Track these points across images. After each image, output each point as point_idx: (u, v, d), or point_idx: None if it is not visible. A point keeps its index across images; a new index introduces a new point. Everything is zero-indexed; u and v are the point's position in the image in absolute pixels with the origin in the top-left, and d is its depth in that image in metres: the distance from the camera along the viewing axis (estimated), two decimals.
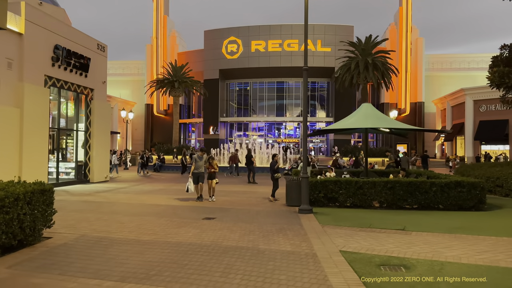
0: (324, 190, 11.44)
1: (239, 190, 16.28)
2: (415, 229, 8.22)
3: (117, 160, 24.93)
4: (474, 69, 51.00)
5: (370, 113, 13.48)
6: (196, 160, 12.82)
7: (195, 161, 12.82)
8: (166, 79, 41.66)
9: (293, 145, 50.29)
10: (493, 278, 5.06)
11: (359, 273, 5.25)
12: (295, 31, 47.72)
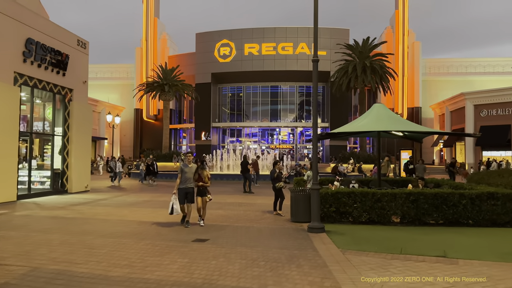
0: (336, 203, 9.75)
1: (235, 202, 14.51)
2: (459, 255, 6.56)
3: (122, 168, 23.00)
4: (471, 73, 50.07)
5: (383, 114, 11.87)
6: (183, 170, 9.57)
7: (181, 172, 9.56)
8: (155, 82, 39.90)
9: (287, 151, 48.69)
10: None
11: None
12: (289, 34, 46.30)
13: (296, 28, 46.74)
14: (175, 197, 9.57)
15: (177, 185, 9.60)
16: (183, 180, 9.54)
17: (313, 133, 9.15)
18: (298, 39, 45.99)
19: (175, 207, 9.47)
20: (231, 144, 40.02)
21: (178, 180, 9.61)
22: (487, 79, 48.21)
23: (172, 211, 9.43)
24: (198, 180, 9.58)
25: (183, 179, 9.55)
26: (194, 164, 9.89)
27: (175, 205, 9.48)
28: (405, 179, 14.61)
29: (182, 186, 9.55)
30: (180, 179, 9.55)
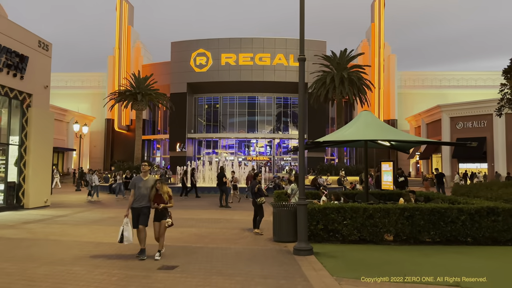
0: (324, 220, 8.69)
1: (210, 218, 13.24)
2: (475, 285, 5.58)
3: (99, 181, 21.09)
4: (445, 87, 50.74)
5: (371, 122, 11.01)
6: (136, 185, 7.50)
7: (134, 186, 7.52)
8: (128, 91, 38.24)
9: (265, 163, 47.66)
10: None
11: None
12: (267, 45, 45.72)
13: (273, 39, 46.27)
14: (126, 220, 7.35)
15: (129, 204, 7.50)
16: (136, 198, 7.45)
17: (299, 141, 8.12)
18: (276, 50, 45.48)
19: (125, 234, 7.27)
20: (207, 156, 38.71)
21: (130, 197, 7.51)
22: (461, 92, 48.92)
23: (122, 239, 7.26)
24: (155, 199, 7.41)
25: (136, 196, 7.45)
26: (151, 177, 7.78)
27: (125, 232, 7.28)
28: (391, 192, 13.76)
29: (135, 205, 7.46)
30: (134, 195, 7.47)
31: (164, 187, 7.53)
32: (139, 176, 7.76)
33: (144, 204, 7.50)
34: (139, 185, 7.51)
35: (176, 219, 12.79)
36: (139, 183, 7.54)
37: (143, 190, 7.48)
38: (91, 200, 19.63)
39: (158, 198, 7.46)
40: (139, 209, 7.48)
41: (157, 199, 7.45)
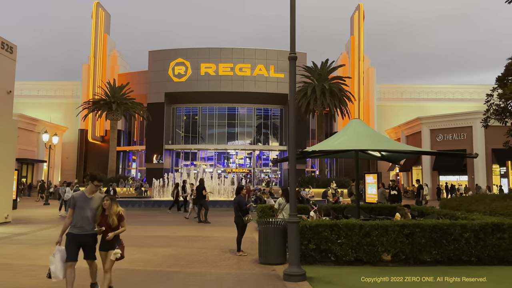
0: (316, 239, 7.76)
1: (188, 235, 12.11)
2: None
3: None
4: (424, 99, 51.25)
5: (363, 132, 10.25)
6: (76, 204, 5.64)
7: (74, 205, 5.66)
8: (102, 100, 36.78)
9: (244, 176, 46.62)
10: None
11: None
12: (247, 55, 45.08)
13: (254, 50, 45.74)
14: (56, 250, 5.47)
15: (64, 229, 5.64)
16: (77, 221, 5.51)
17: (290, 151, 7.19)
18: (256, 60, 44.89)
19: (51, 268, 5.43)
20: (186, 168, 37.42)
21: (67, 219, 5.62)
22: (439, 105, 49.46)
23: (49, 274, 5.49)
24: (101, 222, 5.59)
25: (77, 219, 5.52)
26: (98, 194, 5.81)
27: (52, 265, 5.43)
28: (382, 206, 13.01)
29: (76, 231, 5.52)
30: (72, 217, 5.57)
31: (114, 206, 5.66)
32: (82, 193, 5.74)
33: (89, 230, 5.56)
34: (82, 205, 5.55)
35: (150, 237, 11.67)
36: (81, 202, 5.58)
37: (87, 212, 5.56)
38: (63, 215, 18.18)
39: (105, 221, 5.60)
40: (81, 238, 5.52)
41: (103, 222, 5.60)
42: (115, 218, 5.64)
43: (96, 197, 5.74)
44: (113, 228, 5.61)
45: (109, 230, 5.59)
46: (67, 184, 19.36)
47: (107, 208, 5.63)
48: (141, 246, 10.04)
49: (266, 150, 48.77)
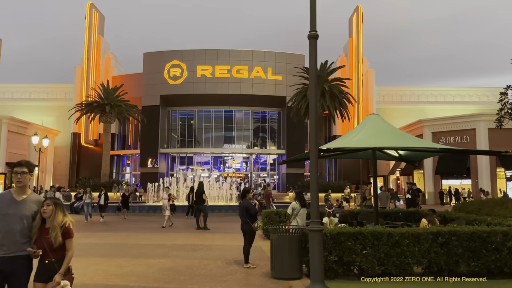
0: (338, 249, 6.70)
1: (187, 244, 10.98)
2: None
3: (68, 199, 18.25)
4: (424, 102, 50.49)
5: (382, 128, 9.24)
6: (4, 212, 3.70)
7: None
8: (95, 102, 35.61)
9: (240, 180, 45.48)
10: None
11: None
12: (244, 57, 44.16)
13: (251, 52, 44.85)
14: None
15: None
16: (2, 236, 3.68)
17: (311, 147, 6.14)
18: (253, 62, 43.97)
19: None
20: (183, 172, 36.26)
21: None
22: (439, 108, 48.67)
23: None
24: (39, 239, 3.75)
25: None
26: (34, 196, 3.94)
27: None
28: (397, 211, 11.98)
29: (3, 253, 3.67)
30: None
31: (59, 214, 3.79)
32: (6, 194, 3.88)
33: (16, 252, 3.66)
34: (5, 212, 3.69)
35: (144, 245, 10.55)
36: (4, 207, 3.72)
37: (13, 222, 3.68)
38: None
39: (43, 237, 3.72)
40: (4, 263, 3.61)
41: (40, 240, 3.71)
42: (59, 233, 3.70)
43: (30, 200, 3.82)
44: (54, 249, 3.69)
45: (49, 251, 3.68)
46: (56, 189, 18.18)
47: (48, 217, 3.73)
48: (135, 257, 8.93)
49: (263, 154, 47.71)
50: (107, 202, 18.36)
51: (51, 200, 3.88)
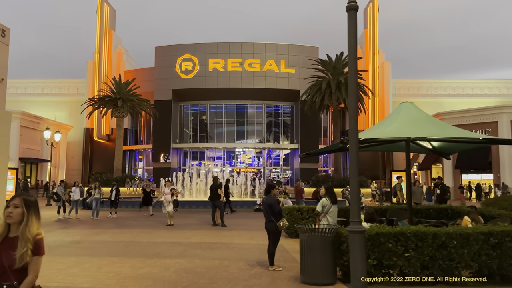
0: (377, 252, 5.97)
1: (203, 242, 10.34)
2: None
3: (79, 195, 17.72)
4: (441, 95, 49.10)
5: (417, 117, 8.46)
6: None
7: None
8: (107, 96, 35.22)
9: (254, 174, 44.81)
10: None
11: None
12: (257, 50, 43.33)
13: (263, 44, 43.98)
14: None
15: None
16: None
17: (351, 134, 5.41)
18: (266, 55, 43.13)
19: None
20: (194, 167, 35.76)
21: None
22: (457, 100, 47.26)
23: None
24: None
25: None
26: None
27: None
28: (428, 208, 11.17)
29: None
30: None
31: (33, 223, 2.77)
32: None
33: None
34: None
35: (159, 243, 9.95)
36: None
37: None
38: (67, 217, 16.53)
39: (3, 251, 2.69)
40: None
41: (3, 253, 2.68)
42: (30, 247, 2.68)
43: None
44: (17, 270, 2.66)
45: (10, 272, 2.66)
46: (65, 185, 17.67)
47: (15, 223, 2.74)
48: (149, 257, 8.32)
49: (276, 149, 46.94)
50: (118, 197, 17.78)
51: (20, 198, 2.77)
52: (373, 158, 45.04)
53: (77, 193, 17.13)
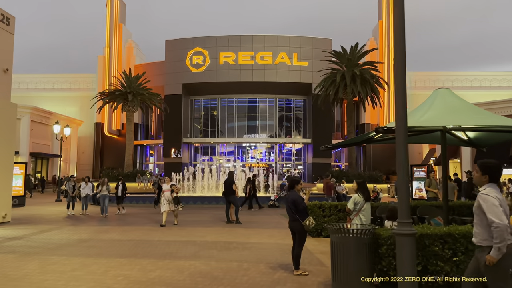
0: (421, 256, 5.19)
1: (218, 241, 9.64)
2: None
3: (90, 190, 17.15)
4: (458, 88, 47.60)
5: (455, 105, 7.62)
6: None
7: None
8: (118, 90, 34.75)
9: (267, 169, 44.06)
10: None
11: None
12: (268, 43, 42.40)
13: (275, 37, 43.02)
14: None
15: None
16: None
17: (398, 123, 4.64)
18: (278, 48, 42.20)
19: None
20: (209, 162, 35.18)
21: None
22: (474, 93, 45.80)
23: None
24: None
25: None
26: None
27: None
28: (460, 204, 10.34)
29: None
30: None
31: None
32: None
33: None
34: None
35: (171, 242, 9.27)
36: None
37: None
38: (74, 213, 16.05)
39: None
40: None
41: None
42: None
43: None
44: None
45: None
46: (74, 180, 17.15)
47: None
48: (161, 257, 7.66)
49: (288, 144, 46.11)
50: (125, 192, 17.19)
51: None
52: (385, 153, 44.10)
53: (87, 189, 16.61)
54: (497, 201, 3.55)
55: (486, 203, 3.58)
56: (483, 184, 3.73)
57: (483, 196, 3.63)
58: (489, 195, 3.60)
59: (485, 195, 3.61)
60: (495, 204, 3.53)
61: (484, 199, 3.60)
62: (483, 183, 3.73)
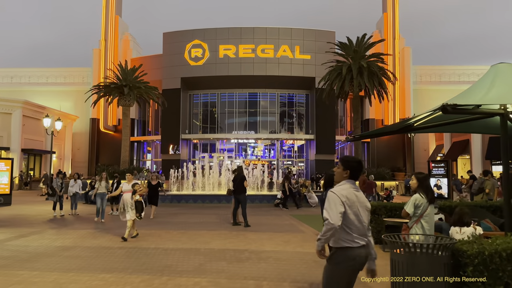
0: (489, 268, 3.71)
1: (227, 249, 8.11)
2: None
3: (80, 188, 15.60)
4: (464, 82, 46.09)
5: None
6: None
7: None
8: (113, 83, 33.13)
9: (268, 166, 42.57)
10: None
11: None
12: (269, 35, 40.86)
13: (277, 29, 41.47)
14: None
15: None
16: None
17: None
18: (280, 41, 40.67)
19: None
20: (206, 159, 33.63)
21: None
22: None
23: None
24: None
25: None
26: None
27: None
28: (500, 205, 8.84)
29: None
30: None
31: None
32: None
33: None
34: None
35: (170, 251, 7.65)
36: None
37: None
38: (70, 213, 14.54)
39: None
40: None
41: None
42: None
43: None
44: None
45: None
46: (63, 176, 15.55)
47: None
48: (158, 273, 6.14)
49: (290, 140, 44.64)
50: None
51: None
52: (390, 149, 42.76)
53: (76, 187, 15.06)
54: (339, 200, 3.39)
55: (327, 200, 3.47)
56: (342, 180, 3.57)
57: (329, 193, 3.49)
58: (335, 192, 3.45)
59: (331, 193, 3.46)
60: (336, 202, 3.38)
61: (329, 195, 3.47)
62: (344, 178, 3.58)
